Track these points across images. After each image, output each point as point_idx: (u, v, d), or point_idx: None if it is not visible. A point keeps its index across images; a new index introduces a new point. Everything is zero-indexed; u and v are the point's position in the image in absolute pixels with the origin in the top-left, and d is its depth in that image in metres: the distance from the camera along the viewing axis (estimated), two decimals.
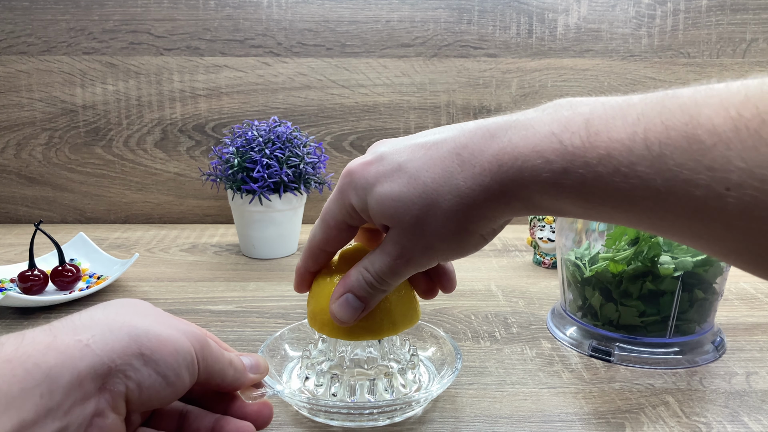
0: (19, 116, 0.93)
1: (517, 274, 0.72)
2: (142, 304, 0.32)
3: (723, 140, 0.22)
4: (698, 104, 0.23)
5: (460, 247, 0.32)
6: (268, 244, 0.77)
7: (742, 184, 0.21)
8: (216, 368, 0.32)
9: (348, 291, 0.36)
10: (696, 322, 0.50)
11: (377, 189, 0.32)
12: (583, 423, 0.41)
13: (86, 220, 0.97)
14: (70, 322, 0.28)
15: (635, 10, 0.92)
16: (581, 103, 0.28)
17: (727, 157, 0.22)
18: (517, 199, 0.29)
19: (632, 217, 0.26)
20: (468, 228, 0.31)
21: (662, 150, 0.23)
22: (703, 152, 0.22)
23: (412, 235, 0.32)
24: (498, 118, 0.31)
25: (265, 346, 0.45)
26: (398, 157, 0.32)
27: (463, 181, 0.30)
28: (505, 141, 0.29)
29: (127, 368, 0.27)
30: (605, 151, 0.25)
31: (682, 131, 0.23)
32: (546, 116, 0.28)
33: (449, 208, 0.30)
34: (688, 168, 0.22)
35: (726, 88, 0.23)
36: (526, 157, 0.27)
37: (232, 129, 0.79)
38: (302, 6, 0.91)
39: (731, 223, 0.22)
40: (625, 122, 0.25)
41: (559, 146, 0.26)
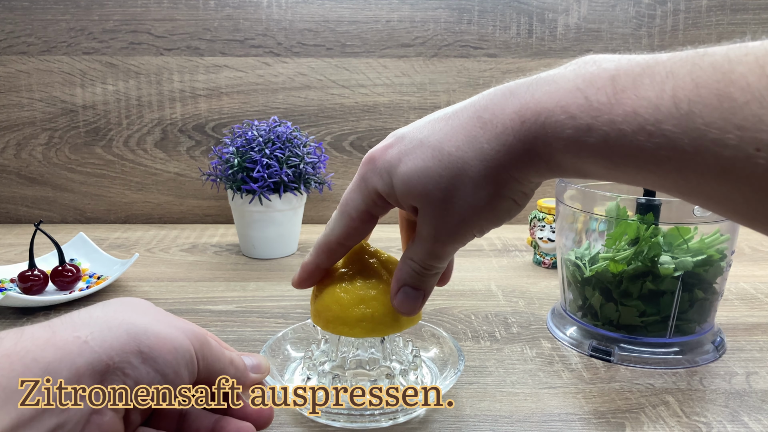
0: (19, 116, 0.93)
1: (517, 274, 0.72)
2: (142, 302, 0.32)
3: (756, 98, 0.21)
4: (731, 61, 0.22)
5: (493, 215, 0.31)
6: (268, 244, 0.77)
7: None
8: (216, 367, 0.32)
9: (403, 284, 0.35)
10: (696, 322, 0.50)
11: (401, 168, 0.31)
12: (583, 423, 0.41)
13: (86, 220, 0.97)
14: (69, 319, 0.28)
15: (635, 10, 0.92)
16: (607, 59, 0.27)
17: (759, 116, 0.21)
18: (540, 158, 0.28)
19: (656, 179, 0.25)
20: (498, 192, 0.30)
21: (691, 108, 0.22)
22: (735, 110, 0.21)
23: (443, 211, 0.31)
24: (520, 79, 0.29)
25: (267, 346, 0.45)
26: (419, 134, 0.31)
27: (487, 143, 0.29)
28: (527, 96, 0.28)
29: (126, 366, 0.27)
30: (631, 108, 0.24)
31: (714, 88, 0.22)
32: (570, 72, 0.27)
33: (476, 174, 0.29)
34: (717, 127, 0.21)
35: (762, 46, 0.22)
36: (550, 112, 0.26)
37: (232, 129, 0.79)
38: (302, 6, 0.91)
39: (760, 185, 0.21)
40: (653, 80, 0.24)
41: (584, 101, 0.25)
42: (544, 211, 0.73)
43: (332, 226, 0.36)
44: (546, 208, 0.73)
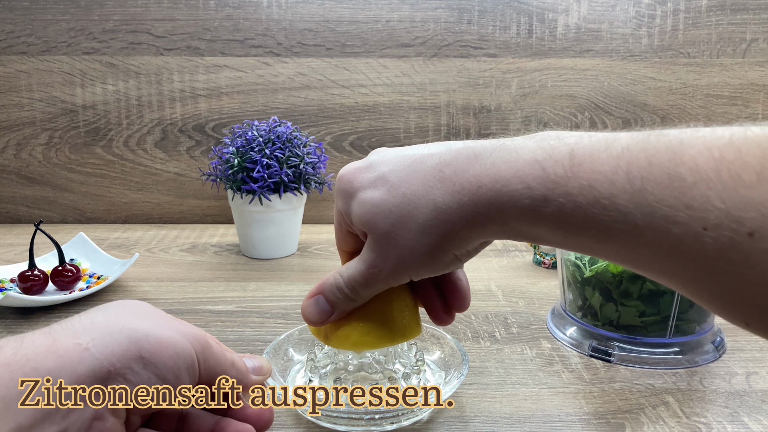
0: (19, 116, 0.93)
1: (517, 274, 0.72)
2: (143, 305, 0.32)
3: (704, 179, 0.22)
4: (683, 143, 0.23)
5: (431, 264, 0.32)
6: (268, 244, 0.77)
7: (720, 225, 0.21)
8: (218, 369, 0.32)
9: (320, 292, 0.37)
10: (696, 322, 0.50)
11: (360, 195, 0.33)
12: (583, 423, 0.41)
13: (86, 220, 0.97)
14: (70, 325, 0.28)
15: (635, 10, 0.92)
16: (568, 134, 0.28)
17: (706, 197, 0.22)
18: (493, 223, 0.29)
19: (609, 250, 0.26)
20: (441, 245, 0.31)
21: (644, 185, 0.23)
22: (684, 190, 0.22)
23: (386, 244, 0.32)
24: (486, 141, 0.31)
25: (270, 348, 0.45)
26: (384, 167, 0.33)
27: (441, 197, 0.30)
28: (488, 163, 0.29)
29: (127, 371, 0.27)
30: (587, 181, 0.25)
31: (665, 168, 0.23)
32: (532, 143, 0.28)
33: (424, 221, 0.30)
34: (668, 204, 0.23)
35: (711, 132, 0.23)
36: (507, 181, 0.28)
37: (232, 129, 0.79)
38: (302, 6, 0.91)
39: (707, 263, 0.22)
40: (610, 155, 0.25)
41: (541, 173, 0.27)
42: None
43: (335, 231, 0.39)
44: None
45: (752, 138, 0.22)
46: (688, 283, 0.24)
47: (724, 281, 0.22)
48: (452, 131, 0.96)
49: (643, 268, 0.26)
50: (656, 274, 0.25)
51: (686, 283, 0.24)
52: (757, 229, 0.21)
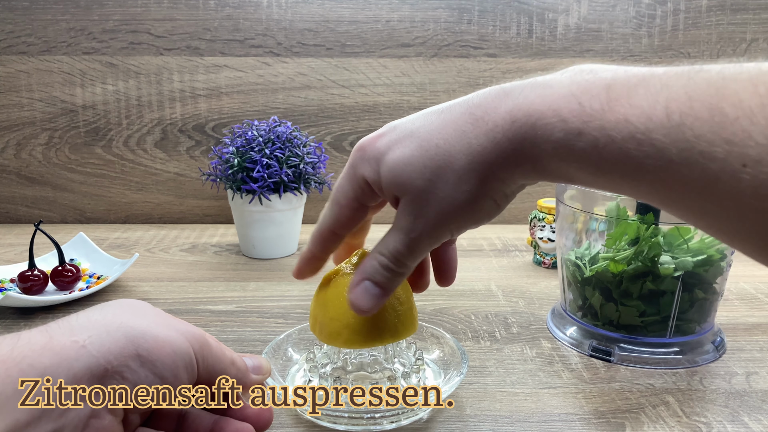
0: (19, 116, 0.93)
1: (517, 274, 0.72)
2: (141, 304, 0.32)
3: (747, 114, 0.21)
4: (726, 78, 0.22)
5: (472, 213, 0.31)
6: (268, 244, 0.77)
7: (761, 161, 0.20)
8: (217, 368, 0.32)
9: (365, 278, 0.34)
10: (696, 322, 0.50)
11: (389, 156, 0.31)
12: (583, 423, 0.41)
13: (86, 220, 0.97)
14: (67, 323, 0.28)
15: (635, 9, 0.92)
16: (604, 69, 0.27)
17: (748, 132, 0.21)
18: (527, 160, 0.28)
19: (641, 188, 0.25)
20: (481, 190, 0.30)
21: (682, 119, 0.22)
22: (725, 125, 0.21)
23: (424, 201, 0.31)
24: (515, 81, 0.30)
25: (269, 347, 0.45)
26: (411, 124, 0.32)
27: (475, 138, 0.29)
28: (521, 98, 0.28)
29: (124, 369, 0.27)
30: (623, 115, 0.24)
31: (706, 102, 0.22)
32: (566, 78, 0.27)
33: (461, 168, 0.29)
34: (707, 140, 0.22)
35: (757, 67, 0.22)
36: (542, 114, 0.27)
37: (232, 129, 0.79)
38: (302, 6, 0.91)
39: (743, 202, 0.21)
40: (648, 90, 0.24)
41: (577, 107, 0.26)
42: (544, 211, 0.73)
43: (324, 214, 0.36)
44: (546, 208, 0.73)
45: None
46: (722, 224, 0.23)
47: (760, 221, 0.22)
48: None
49: (673, 206, 0.25)
50: (689, 214, 0.24)
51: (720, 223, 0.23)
52: None
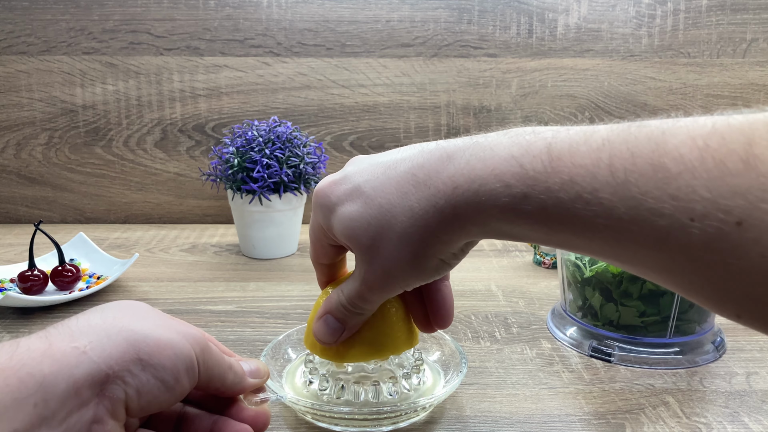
0: (19, 116, 0.93)
1: (517, 274, 0.72)
2: (141, 306, 0.32)
3: (689, 168, 0.21)
4: (665, 133, 0.23)
5: (418, 272, 0.31)
6: (268, 244, 0.77)
7: (707, 215, 0.21)
8: (216, 372, 0.32)
9: (327, 312, 0.36)
10: (696, 322, 0.50)
11: (338, 210, 0.32)
12: (583, 423, 0.41)
13: (86, 220, 0.97)
14: (67, 328, 0.28)
15: (635, 9, 0.92)
16: (544, 129, 0.27)
17: (692, 186, 0.21)
18: (472, 224, 0.28)
19: (594, 246, 0.25)
20: (424, 252, 0.30)
21: (627, 177, 0.23)
22: (669, 180, 0.22)
23: (370, 258, 0.32)
24: (459, 140, 0.30)
25: (268, 349, 0.45)
26: (359, 177, 0.32)
27: (417, 203, 0.29)
28: (462, 163, 0.28)
29: (126, 374, 0.27)
30: (568, 176, 0.24)
31: (648, 158, 0.22)
32: (507, 139, 0.27)
33: (402, 230, 0.30)
34: (653, 196, 0.22)
35: (693, 121, 0.23)
36: (484, 180, 0.27)
37: (232, 129, 0.79)
38: (302, 6, 0.91)
39: (695, 255, 0.22)
40: (590, 147, 0.24)
41: (519, 170, 0.26)
42: None
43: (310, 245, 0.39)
44: None
45: (735, 125, 0.21)
46: (676, 277, 0.23)
47: (713, 273, 0.22)
48: (452, 131, 0.95)
49: (629, 263, 0.25)
50: (643, 269, 0.25)
51: (674, 277, 0.23)
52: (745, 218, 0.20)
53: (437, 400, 0.40)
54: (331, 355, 0.39)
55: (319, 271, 0.40)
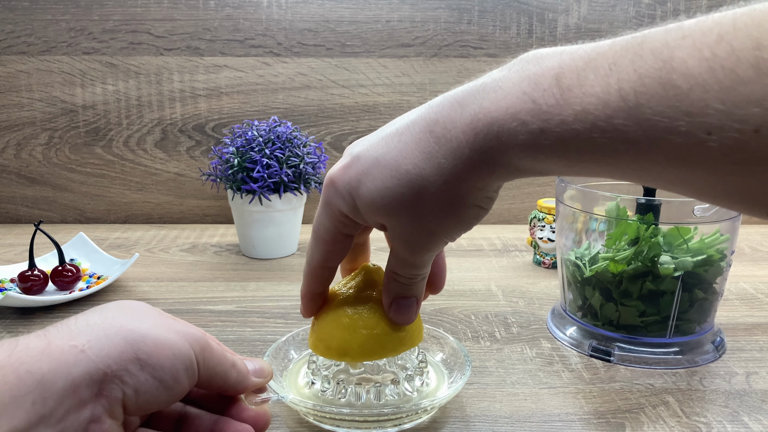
0: (19, 116, 0.93)
1: (517, 274, 0.72)
2: (141, 306, 0.31)
3: (699, 83, 0.21)
4: (670, 47, 0.22)
5: (460, 223, 0.31)
6: (268, 244, 0.77)
7: (723, 127, 0.20)
8: (218, 370, 0.32)
9: (394, 296, 0.37)
10: (696, 322, 0.50)
11: (362, 190, 0.31)
12: (583, 423, 0.41)
13: (86, 220, 0.97)
14: (66, 327, 0.28)
15: (635, 10, 0.92)
16: (548, 55, 0.27)
17: (705, 100, 0.21)
18: (499, 165, 0.28)
19: (616, 170, 0.25)
20: (462, 203, 0.30)
21: (638, 99, 0.22)
22: (680, 98, 0.21)
23: (411, 226, 0.31)
24: (465, 86, 0.29)
25: (271, 350, 0.45)
26: (374, 152, 0.31)
27: (444, 158, 0.29)
28: (476, 108, 0.28)
29: (124, 374, 0.27)
30: (580, 107, 0.24)
31: (657, 77, 0.22)
32: (514, 75, 0.27)
33: (438, 190, 0.29)
34: (667, 116, 0.22)
35: (698, 27, 0.22)
36: (501, 122, 0.27)
37: (232, 129, 0.79)
38: (302, 6, 0.91)
39: (717, 167, 0.21)
40: (597, 74, 0.24)
41: (533, 106, 0.25)
42: (544, 211, 0.73)
43: (310, 252, 0.37)
44: (546, 208, 0.73)
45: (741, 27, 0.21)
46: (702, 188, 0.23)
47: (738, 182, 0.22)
48: None
49: (653, 181, 0.25)
50: (668, 185, 0.25)
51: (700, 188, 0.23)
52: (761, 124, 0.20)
53: (440, 402, 0.40)
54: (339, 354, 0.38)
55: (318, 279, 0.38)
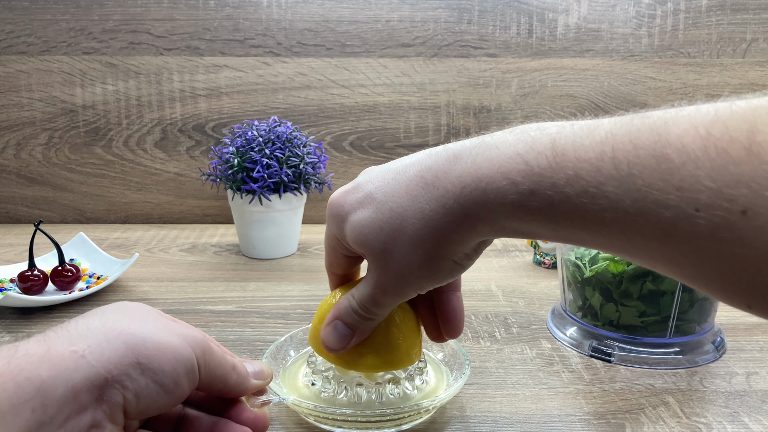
0: (19, 116, 0.93)
1: (517, 274, 0.72)
2: (142, 308, 0.31)
3: (692, 159, 0.21)
4: (667, 123, 0.23)
5: (432, 274, 0.32)
6: (268, 244, 0.77)
7: (712, 205, 0.21)
8: (218, 373, 0.31)
9: (337, 318, 0.36)
10: (696, 322, 0.50)
11: (351, 218, 0.33)
12: (583, 423, 0.41)
13: (86, 220, 0.97)
14: (66, 331, 0.28)
15: (635, 9, 0.92)
16: (549, 125, 0.27)
17: (696, 177, 0.21)
18: (482, 223, 0.28)
19: (601, 240, 0.25)
20: (437, 253, 0.30)
21: (631, 169, 0.23)
22: (672, 172, 0.22)
23: (383, 262, 0.32)
24: (466, 141, 0.30)
25: (270, 351, 0.45)
26: (370, 185, 0.33)
27: (427, 204, 0.29)
28: (469, 162, 0.28)
29: (124, 378, 0.27)
30: (573, 171, 0.24)
31: (651, 150, 0.22)
32: (512, 137, 0.28)
33: (414, 233, 0.30)
34: (657, 188, 0.22)
35: (696, 109, 0.22)
36: (491, 179, 0.27)
37: (232, 129, 0.79)
38: (302, 6, 0.91)
39: (702, 245, 0.22)
40: (593, 141, 0.24)
41: (525, 167, 0.26)
42: None
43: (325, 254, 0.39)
44: None
45: (738, 112, 0.21)
46: (685, 268, 0.23)
47: (721, 264, 0.22)
48: (452, 131, 0.96)
49: (637, 256, 0.25)
50: (651, 261, 0.25)
51: (682, 268, 0.23)
52: (749, 206, 0.20)
53: (440, 403, 0.40)
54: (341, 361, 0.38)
55: (332, 281, 0.41)
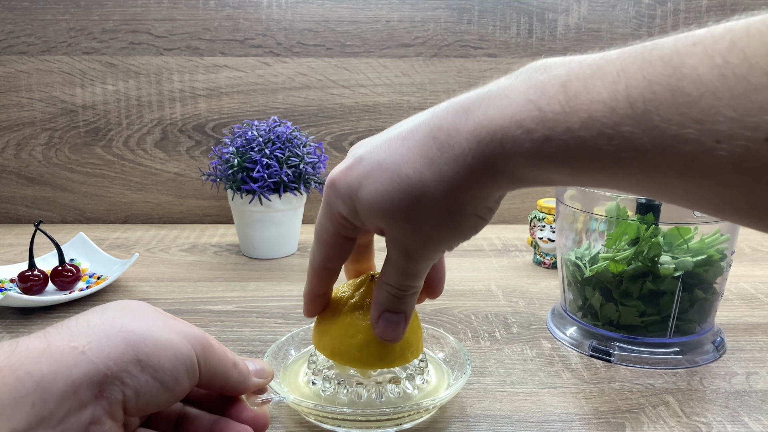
0: (19, 116, 0.93)
1: (517, 274, 0.72)
2: (142, 306, 0.31)
3: (710, 90, 0.20)
4: (680, 54, 0.22)
5: (458, 232, 0.31)
6: (268, 244, 0.77)
7: (733, 135, 0.20)
8: (219, 370, 0.31)
9: (382, 310, 0.35)
10: (696, 322, 0.50)
11: (362, 193, 0.31)
12: (583, 423, 0.41)
13: (86, 220, 0.97)
14: (66, 328, 0.28)
15: (635, 10, 0.92)
16: (556, 64, 0.26)
17: (715, 108, 0.20)
18: (501, 174, 0.27)
19: (621, 181, 0.25)
20: (461, 211, 0.29)
21: (647, 106, 0.22)
22: (690, 105, 0.21)
23: (410, 230, 0.31)
24: (471, 92, 0.29)
25: (271, 350, 0.45)
26: (376, 155, 0.31)
27: (446, 165, 0.28)
28: (480, 115, 0.27)
29: (124, 375, 0.27)
30: (587, 114, 0.23)
31: (666, 84, 0.21)
32: (520, 83, 0.27)
33: (437, 196, 0.29)
34: (675, 123, 0.21)
35: (709, 35, 0.21)
36: (505, 129, 0.26)
37: (232, 129, 0.79)
38: (302, 6, 0.91)
39: (725, 177, 0.21)
40: (605, 81, 0.23)
41: (538, 113, 0.25)
42: (544, 211, 0.73)
43: (312, 253, 0.37)
44: (546, 208, 0.73)
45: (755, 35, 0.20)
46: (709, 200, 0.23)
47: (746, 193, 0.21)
48: None
49: (657, 193, 0.24)
50: (672, 197, 0.24)
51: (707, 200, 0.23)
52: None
53: (440, 402, 0.40)
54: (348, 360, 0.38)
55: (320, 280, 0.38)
